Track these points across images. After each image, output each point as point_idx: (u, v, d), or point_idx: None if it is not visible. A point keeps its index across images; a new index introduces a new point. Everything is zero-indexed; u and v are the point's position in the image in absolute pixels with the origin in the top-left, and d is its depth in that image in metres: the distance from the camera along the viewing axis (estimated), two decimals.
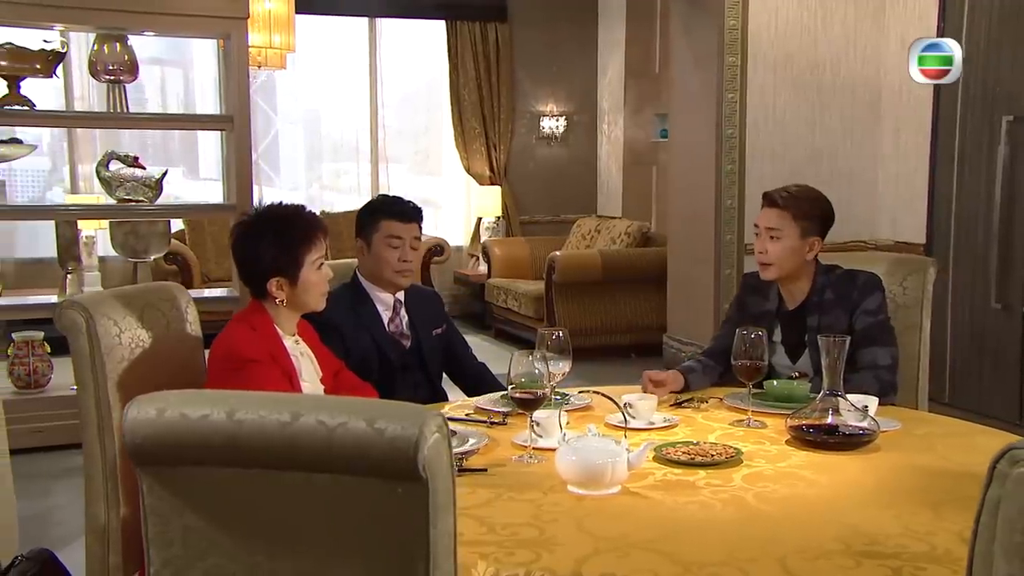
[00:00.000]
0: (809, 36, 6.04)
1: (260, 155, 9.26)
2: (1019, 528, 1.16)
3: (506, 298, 7.82)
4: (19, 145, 5.27)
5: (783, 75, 6.02)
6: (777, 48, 6.00)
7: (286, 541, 1.33)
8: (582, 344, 6.95)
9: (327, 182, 9.66)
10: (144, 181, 5.16)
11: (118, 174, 5.14)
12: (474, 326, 8.49)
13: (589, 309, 7.11)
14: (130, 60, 5.28)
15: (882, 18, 6.17)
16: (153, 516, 1.34)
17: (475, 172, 9.03)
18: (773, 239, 2.89)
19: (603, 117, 9.24)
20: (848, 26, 6.13)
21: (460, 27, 8.85)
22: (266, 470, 1.31)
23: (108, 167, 5.17)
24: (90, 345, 2.29)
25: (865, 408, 2.42)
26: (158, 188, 5.19)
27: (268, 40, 6.77)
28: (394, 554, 1.30)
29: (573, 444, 2.05)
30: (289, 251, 2.42)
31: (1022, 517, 1.16)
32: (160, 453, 1.32)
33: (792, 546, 1.73)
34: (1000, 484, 1.19)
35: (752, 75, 5.95)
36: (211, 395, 1.33)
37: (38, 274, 7.47)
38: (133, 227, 5.17)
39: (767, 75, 5.98)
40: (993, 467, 1.20)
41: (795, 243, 2.88)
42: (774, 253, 2.90)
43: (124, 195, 5.14)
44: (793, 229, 2.88)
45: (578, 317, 7.06)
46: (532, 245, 8.40)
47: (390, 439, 1.25)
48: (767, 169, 5.94)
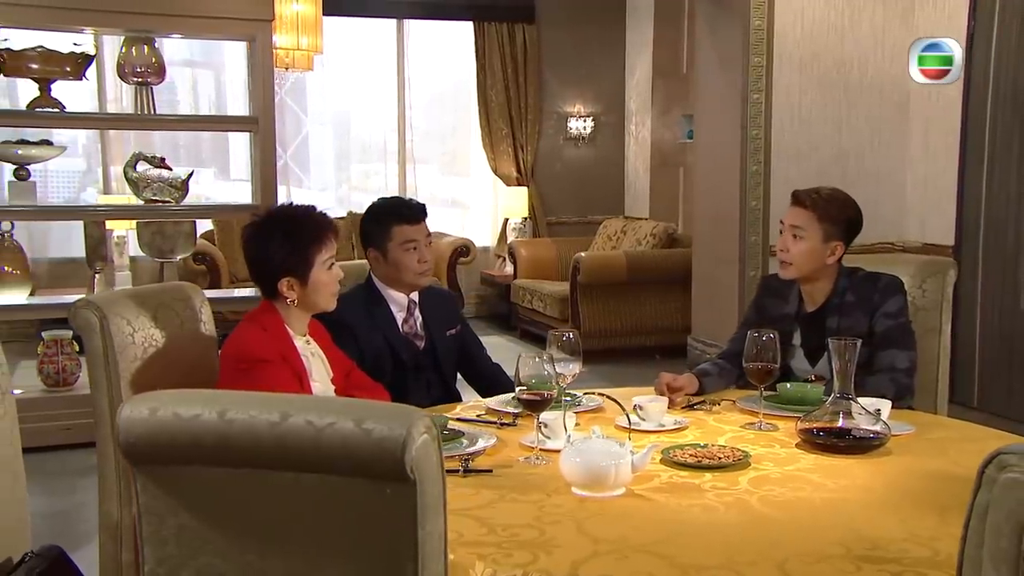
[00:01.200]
0: (836, 35, 5.99)
1: (290, 156, 9.34)
2: (1005, 533, 1.15)
3: (531, 299, 7.82)
4: (49, 147, 5.34)
5: (809, 75, 5.97)
6: (803, 48, 5.95)
7: (276, 540, 1.35)
8: (606, 345, 7.05)
9: (356, 183, 9.71)
10: (170, 182, 5.22)
11: (145, 175, 5.20)
12: (500, 327, 8.51)
13: (614, 310, 7.09)
14: (157, 62, 5.34)
15: (911, 18, 6.10)
16: (148, 515, 1.36)
17: (502, 173, 9.04)
18: (796, 238, 2.87)
19: (631, 118, 9.22)
20: (876, 25, 6.06)
21: (488, 28, 8.87)
22: (257, 470, 1.32)
23: (135, 168, 5.23)
24: (104, 344, 2.32)
25: (878, 411, 2.40)
26: (184, 189, 5.25)
27: (296, 42, 6.82)
28: (382, 555, 1.31)
29: (577, 446, 2.04)
30: (299, 251, 2.43)
31: (1008, 522, 1.15)
32: (153, 452, 1.33)
33: (793, 550, 1.72)
34: (988, 489, 1.18)
35: (777, 75, 5.91)
36: (203, 395, 1.34)
37: (71, 274, 7.57)
38: (160, 227, 5.23)
39: (793, 75, 5.94)
40: (982, 472, 1.19)
41: (816, 245, 2.86)
42: (795, 252, 2.88)
43: (151, 196, 5.20)
44: (816, 231, 2.86)
45: (603, 318, 7.05)
46: (558, 246, 8.40)
47: (378, 440, 1.26)
48: (792, 170, 5.89)
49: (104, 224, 5.45)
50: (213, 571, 1.35)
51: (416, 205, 3.05)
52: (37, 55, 5.20)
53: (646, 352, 7.09)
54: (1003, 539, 1.15)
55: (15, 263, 5.21)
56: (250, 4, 5.14)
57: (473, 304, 9.04)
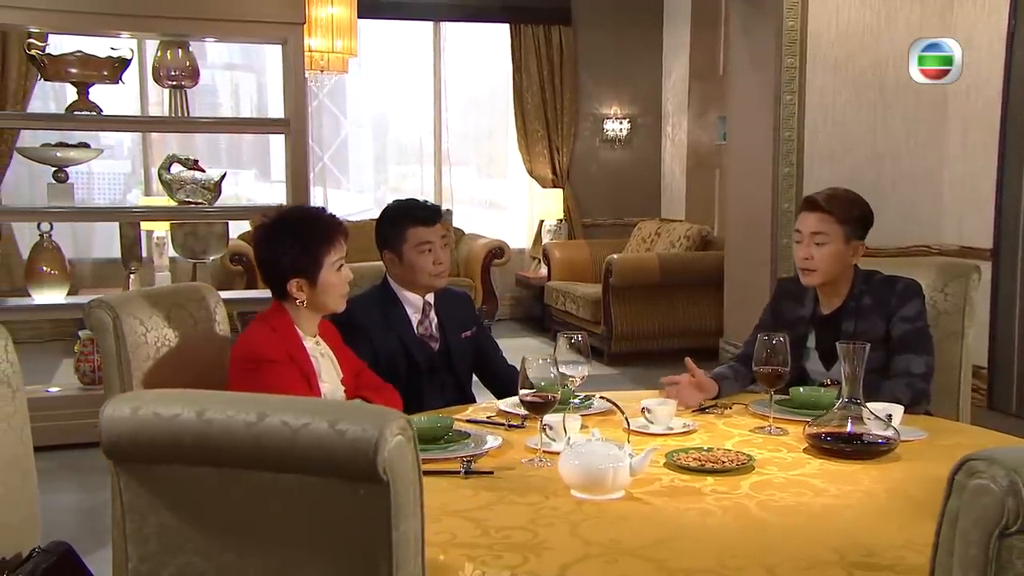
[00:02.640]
0: (871, 35, 5.92)
1: (329, 158, 9.42)
2: (974, 540, 1.13)
3: (564, 301, 7.82)
4: (87, 149, 5.45)
5: (843, 76, 5.91)
6: (837, 48, 5.89)
7: (255, 540, 1.36)
8: (639, 348, 7.02)
9: (394, 184, 9.77)
10: (203, 184, 5.29)
11: (178, 177, 5.27)
12: (533, 329, 8.51)
13: (646, 313, 7.06)
14: (191, 65, 5.42)
15: (949, 16, 6.01)
16: (130, 513, 1.39)
17: (538, 175, 9.04)
18: (819, 245, 2.84)
19: (667, 120, 9.18)
20: (913, 25, 5.98)
21: (524, 30, 8.89)
22: (235, 469, 1.34)
23: (169, 170, 5.31)
24: (116, 344, 2.37)
25: (889, 416, 2.37)
26: (216, 190, 5.31)
27: (330, 45, 6.88)
28: (358, 555, 1.32)
29: (576, 449, 2.04)
30: (309, 252, 2.46)
31: (976, 529, 1.13)
32: (134, 451, 1.36)
33: (785, 555, 1.71)
34: (958, 496, 1.17)
35: (811, 76, 5.86)
36: (184, 395, 1.36)
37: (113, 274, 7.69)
38: (193, 228, 5.30)
39: (826, 76, 5.88)
40: (952, 478, 1.18)
41: (841, 247, 2.84)
42: (820, 259, 2.84)
43: (184, 197, 5.28)
44: (838, 233, 2.83)
45: (635, 320, 7.03)
46: (592, 248, 8.38)
47: (351, 441, 1.27)
48: (826, 172, 5.83)
49: (139, 225, 5.53)
50: (193, 569, 1.37)
51: (431, 207, 3.06)
52: (76, 59, 5.30)
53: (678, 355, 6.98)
54: (972, 546, 1.13)
55: (53, 263, 5.31)
56: (282, 7, 5.19)
57: (508, 306, 9.05)
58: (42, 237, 5.28)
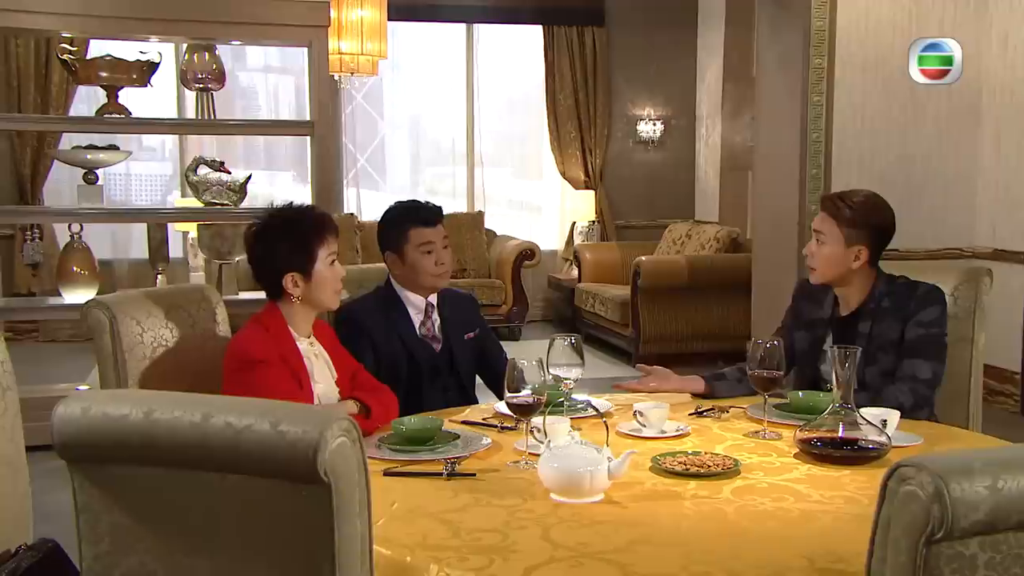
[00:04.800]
0: (902, 36, 5.82)
1: (366, 159, 9.49)
2: (903, 548, 1.12)
3: (594, 303, 7.80)
4: (116, 151, 5.54)
5: (873, 76, 5.81)
6: (867, 48, 5.79)
7: (203, 540, 1.38)
8: (667, 350, 6.97)
9: (430, 186, 9.82)
10: (229, 185, 5.35)
11: (205, 178, 5.35)
12: (565, 330, 8.45)
13: (675, 315, 7.02)
14: (218, 69, 5.50)
15: (985, 15, 5.89)
16: (84, 512, 1.41)
17: (570, 176, 9.03)
18: (819, 243, 2.84)
19: (701, 121, 9.12)
20: (946, 24, 5.86)
21: (557, 32, 8.88)
22: (182, 470, 1.35)
23: (196, 172, 5.38)
24: (113, 343, 2.40)
25: (884, 422, 2.33)
26: (242, 191, 5.38)
27: (360, 47, 6.91)
28: (301, 556, 1.33)
29: (555, 452, 2.04)
30: (302, 245, 2.49)
31: (906, 537, 1.12)
32: (85, 451, 1.38)
33: (751, 561, 1.70)
34: (891, 503, 1.15)
35: (840, 77, 5.77)
36: (134, 395, 1.39)
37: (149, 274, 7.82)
38: (218, 230, 5.36)
39: (855, 76, 5.78)
40: (885, 484, 1.16)
41: (838, 250, 2.81)
42: (817, 256, 2.85)
43: (210, 198, 5.35)
44: (837, 236, 2.81)
45: (663, 323, 6.99)
46: (623, 250, 8.34)
47: (291, 442, 1.28)
48: (854, 174, 5.75)
49: (166, 226, 5.62)
50: (144, 569, 1.39)
51: (432, 207, 3.06)
52: (106, 63, 5.40)
53: (707, 357, 6.98)
54: (902, 554, 1.12)
55: (83, 263, 5.40)
56: (307, 11, 5.24)
57: (539, 308, 9.05)
58: (72, 238, 5.38)
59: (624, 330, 7.15)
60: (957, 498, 1.07)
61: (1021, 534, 1.12)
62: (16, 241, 8.13)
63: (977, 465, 1.10)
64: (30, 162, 8.00)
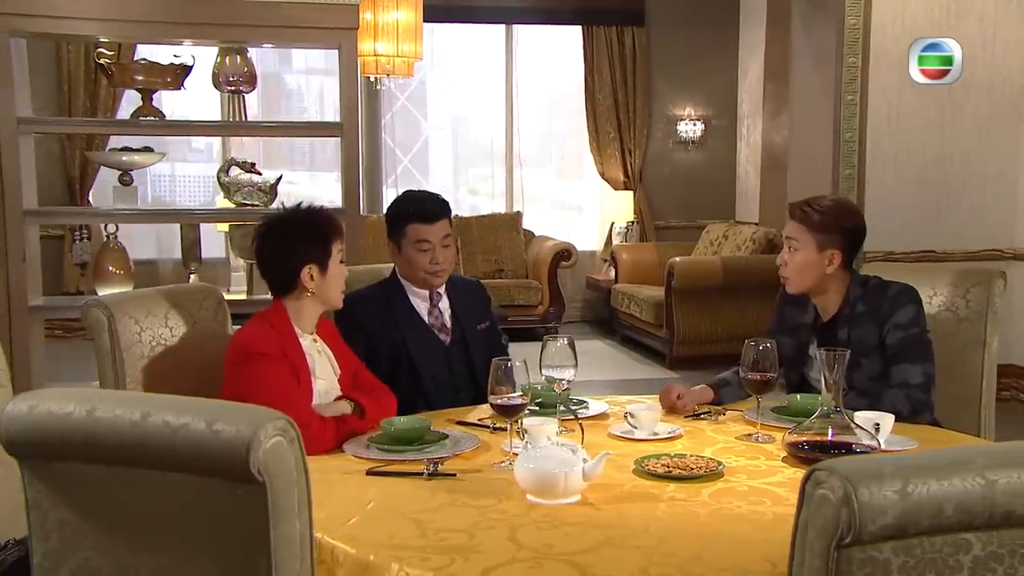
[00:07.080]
0: (939, 32, 5.71)
1: (410, 160, 9.56)
2: (817, 551, 1.11)
3: (629, 304, 7.76)
4: (150, 153, 5.63)
5: (908, 74, 5.71)
6: (902, 46, 5.69)
7: (146, 537, 1.40)
8: (701, 352, 6.92)
9: (472, 186, 9.87)
10: (260, 186, 5.40)
11: (236, 179, 5.41)
12: (602, 331, 8.48)
13: (709, 316, 6.96)
14: (249, 71, 5.56)
15: None
16: (34, 509, 1.44)
17: (609, 177, 9.00)
18: (792, 250, 2.79)
19: (742, 121, 9.03)
20: (987, 20, 5.74)
21: (596, 32, 8.86)
22: (123, 467, 1.38)
23: (228, 173, 5.45)
24: (111, 342, 2.45)
25: (877, 426, 2.30)
26: (272, 192, 5.43)
27: (396, 49, 6.96)
28: (239, 555, 1.35)
29: (531, 452, 2.04)
30: (322, 239, 2.52)
31: (819, 540, 1.10)
32: (31, 448, 1.41)
33: (713, 564, 1.68)
34: (808, 506, 1.14)
35: (874, 75, 5.67)
36: (78, 393, 1.41)
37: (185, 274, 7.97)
38: (249, 230, 5.42)
39: (890, 75, 5.69)
40: (803, 489, 1.14)
41: (811, 256, 2.76)
42: (791, 265, 2.80)
43: (241, 199, 5.41)
44: (809, 241, 2.76)
45: (697, 324, 6.94)
46: (660, 251, 8.29)
47: (225, 441, 1.30)
48: (889, 175, 5.66)
49: (198, 227, 5.71)
50: (90, 566, 1.41)
51: (436, 203, 2.96)
52: (140, 67, 5.49)
53: None
54: (816, 557, 1.11)
55: (118, 263, 5.49)
56: (336, 13, 5.28)
57: (577, 308, 9.04)
58: (108, 238, 5.49)
59: (658, 331, 7.11)
60: (865, 502, 1.06)
61: (935, 538, 1.10)
62: (66, 241, 8.34)
63: (888, 470, 1.08)
64: (79, 164, 8.19)
